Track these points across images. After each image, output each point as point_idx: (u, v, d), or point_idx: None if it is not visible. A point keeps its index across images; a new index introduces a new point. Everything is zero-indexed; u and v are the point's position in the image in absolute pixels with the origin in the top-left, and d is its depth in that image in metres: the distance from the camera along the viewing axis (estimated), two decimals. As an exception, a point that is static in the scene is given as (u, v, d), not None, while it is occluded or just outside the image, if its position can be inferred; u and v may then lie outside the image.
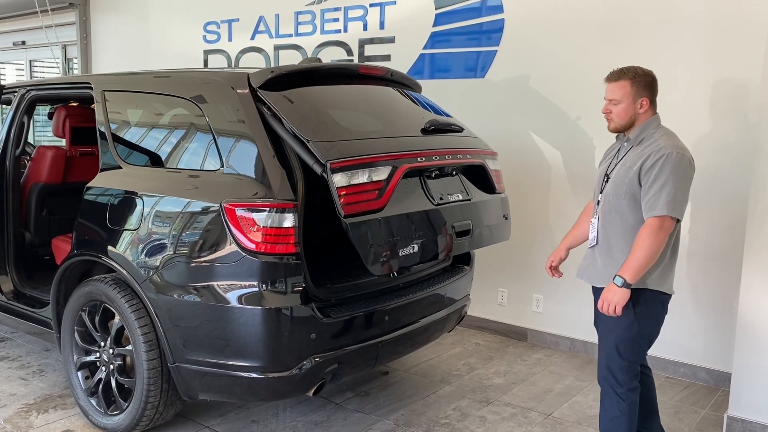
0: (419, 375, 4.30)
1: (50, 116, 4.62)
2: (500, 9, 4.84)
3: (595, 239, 2.92)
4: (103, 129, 3.57)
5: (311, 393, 3.06)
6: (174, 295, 3.03)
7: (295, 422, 3.60)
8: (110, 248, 3.30)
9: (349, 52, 5.67)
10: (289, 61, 5.89)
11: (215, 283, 2.92)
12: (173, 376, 3.13)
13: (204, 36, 6.73)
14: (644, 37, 4.24)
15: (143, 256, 3.14)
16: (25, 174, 4.63)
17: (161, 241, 3.09)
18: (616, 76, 2.84)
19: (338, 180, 2.80)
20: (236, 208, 2.86)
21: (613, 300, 2.71)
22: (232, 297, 2.89)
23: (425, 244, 3.12)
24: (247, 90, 3.08)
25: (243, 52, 6.42)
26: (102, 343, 3.44)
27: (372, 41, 5.52)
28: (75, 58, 8.14)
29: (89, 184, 3.52)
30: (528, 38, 4.74)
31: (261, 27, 6.26)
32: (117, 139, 3.54)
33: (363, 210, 2.86)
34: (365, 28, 5.55)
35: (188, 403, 3.48)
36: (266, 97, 3.04)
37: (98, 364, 3.48)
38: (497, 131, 4.71)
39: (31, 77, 9.31)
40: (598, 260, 2.90)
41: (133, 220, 3.23)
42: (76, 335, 3.53)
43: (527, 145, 4.81)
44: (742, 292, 3.44)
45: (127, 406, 3.28)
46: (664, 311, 2.88)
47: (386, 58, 5.42)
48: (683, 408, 3.93)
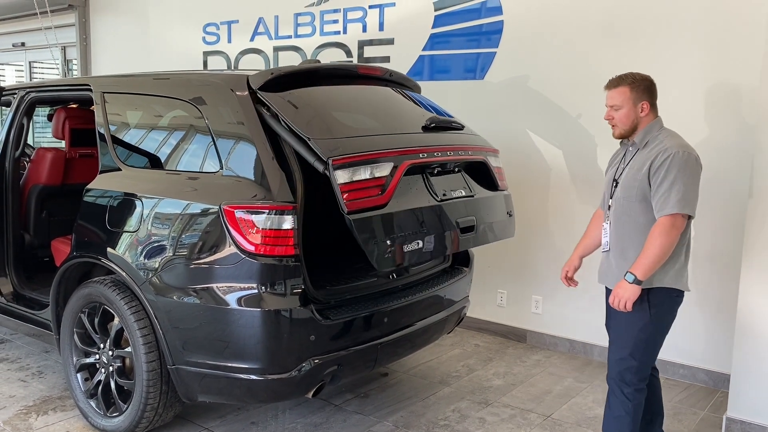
0: (418, 376, 4.30)
1: (50, 118, 4.62)
2: (499, 11, 4.85)
3: (608, 244, 2.95)
4: (103, 131, 3.57)
5: (310, 395, 3.06)
6: (173, 297, 3.03)
7: (295, 424, 3.60)
8: (110, 250, 3.30)
9: (349, 54, 5.67)
10: (289, 63, 5.89)
11: (214, 285, 2.92)
12: (172, 378, 3.12)
13: (203, 37, 6.73)
14: (643, 40, 4.24)
15: (142, 258, 3.14)
16: (25, 176, 4.63)
17: (160, 243, 3.09)
18: (615, 83, 2.89)
19: (341, 177, 2.79)
20: (235, 210, 2.86)
21: (624, 296, 2.75)
22: (232, 299, 2.88)
23: (429, 240, 3.10)
24: (247, 92, 3.08)
25: (242, 54, 6.42)
26: (101, 345, 3.44)
27: (371, 43, 5.52)
28: (74, 60, 8.14)
29: (89, 186, 3.52)
30: (527, 40, 4.74)
31: (260, 28, 6.26)
32: (116, 141, 3.54)
33: (366, 206, 2.84)
34: (364, 30, 5.55)
35: (187, 405, 3.48)
36: (266, 98, 3.04)
37: (98, 366, 3.48)
38: (496, 132, 4.70)
39: (31, 79, 9.30)
40: (613, 263, 2.93)
41: (133, 222, 3.23)
42: (76, 337, 3.54)
43: (526, 147, 4.81)
44: (742, 294, 3.44)
45: (127, 408, 3.28)
46: (676, 311, 2.90)
47: (385, 60, 5.42)
48: (682, 409, 3.93)
